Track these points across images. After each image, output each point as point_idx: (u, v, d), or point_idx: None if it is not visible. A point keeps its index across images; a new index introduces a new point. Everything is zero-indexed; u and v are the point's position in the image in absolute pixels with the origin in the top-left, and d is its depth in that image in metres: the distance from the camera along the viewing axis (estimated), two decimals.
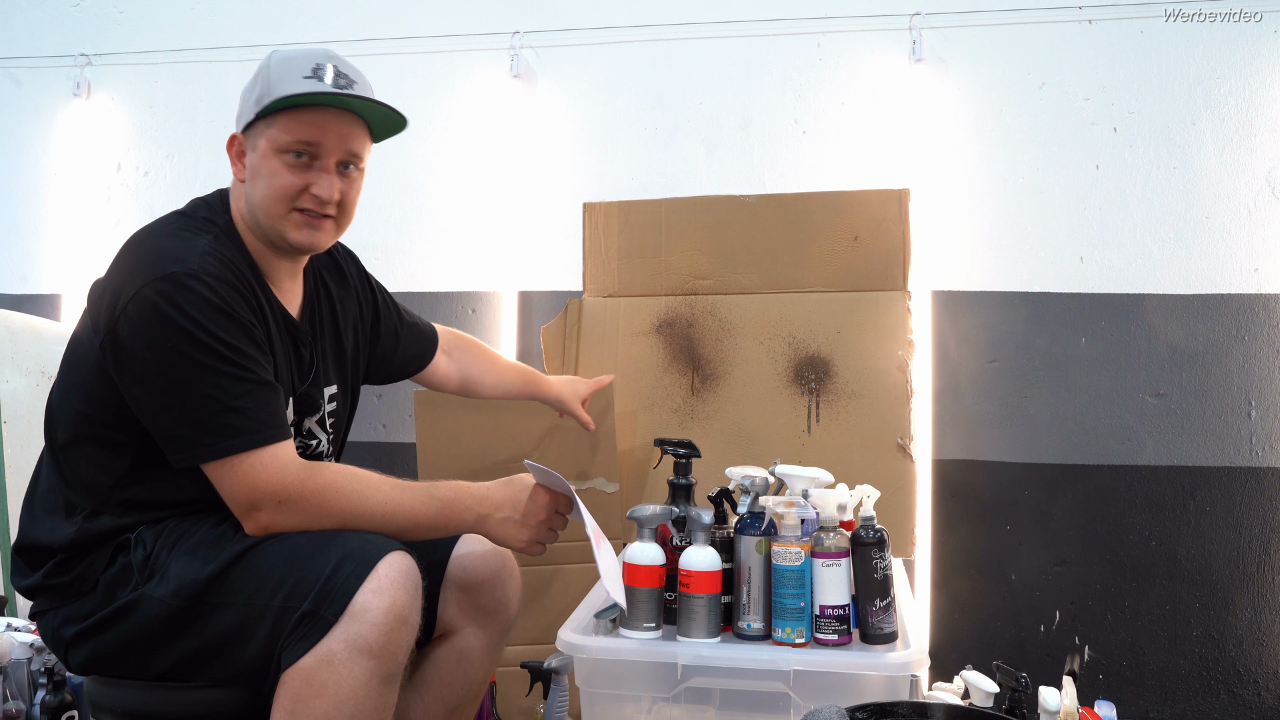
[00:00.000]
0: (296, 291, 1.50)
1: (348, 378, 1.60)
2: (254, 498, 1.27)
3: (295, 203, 1.37)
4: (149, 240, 1.35)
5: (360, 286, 1.65)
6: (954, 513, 2.52)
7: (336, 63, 1.38)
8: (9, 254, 3.09)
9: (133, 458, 1.34)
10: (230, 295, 1.30)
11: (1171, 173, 2.51)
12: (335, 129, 1.37)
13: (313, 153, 1.37)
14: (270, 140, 1.36)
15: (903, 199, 2.38)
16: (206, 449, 1.27)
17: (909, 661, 1.46)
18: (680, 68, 2.74)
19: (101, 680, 1.38)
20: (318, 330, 1.53)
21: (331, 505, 1.29)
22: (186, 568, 1.28)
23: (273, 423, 1.30)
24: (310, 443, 1.51)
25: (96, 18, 3.07)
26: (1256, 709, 2.39)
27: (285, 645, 1.22)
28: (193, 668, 1.31)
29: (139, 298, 1.26)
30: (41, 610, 1.39)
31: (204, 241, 1.33)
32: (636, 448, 2.38)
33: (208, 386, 1.26)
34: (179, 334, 1.25)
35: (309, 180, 1.37)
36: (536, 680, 1.98)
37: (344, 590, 1.20)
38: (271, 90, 1.34)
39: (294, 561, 1.25)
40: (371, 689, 1.20)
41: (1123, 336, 2.49)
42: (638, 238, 2.48)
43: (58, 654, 1.39)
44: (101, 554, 1.34)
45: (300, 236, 1.39)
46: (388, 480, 1.35)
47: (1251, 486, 2.42)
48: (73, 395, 1.37)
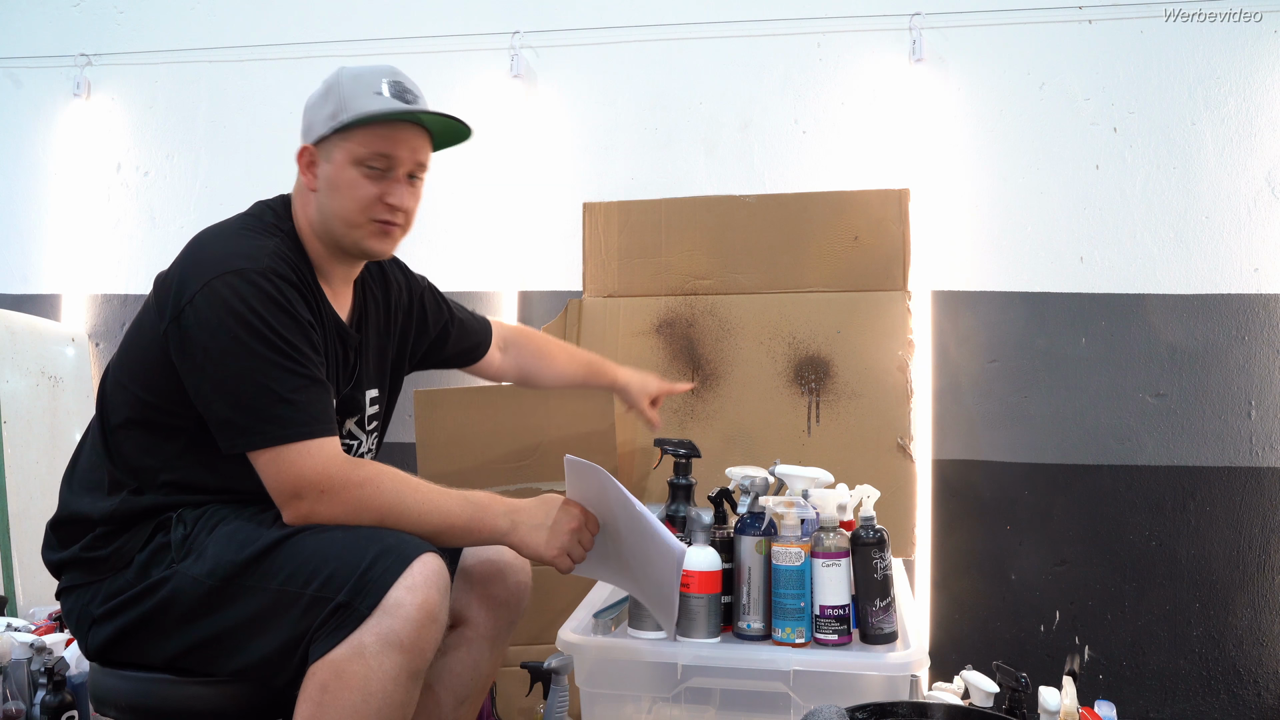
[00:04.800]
0: (348, 297, 1.56)
1: (387, 380, 1.65)
2: (298, 486, 1.31)
3: (372, 213, 1.44)
4: (221, 237, 1.42)
5: (406, 288, 1.71)
6: (954, 513, 2.52)
7: (401, 79, 1.47)
8: (9, 254, 3.09)
9: (182, 444, 1.39)
10: (293, 296, 1.36)
11: (1171, 173, 2.51)
12: (408, 142, 1.45)
13: (387, 165, 1.44)
14: (348, 153, 1.43)
15: (903, 199, 2.38)
16: (259, 436, 1.31)
17: (909, 661, 1.46)
18: (680, 68, 2.74)
19: (107, 671, 1.39)
20: (364, 335, 1.58)
21: (371, 500, 1.33)
22: (224, 549, 1.31)
23: (323, 418, 1.34)
24: (351, 443, 1.56)
25: (96, 18, 3.07)
26: (1256, 709, 2.39)
27: (315, 636, 1.24)
28: (208, 654, 1.33)
29: (208, 289, 1.31)
30: (70, 586, 1.42)
31: (273, 243, 1.40)
32: (636, 448, 2.38)
33: (265, 378, 1.30)
34: (243, 325, 1.30)
35: (384, 190, 1.44)
36: (536, 680, 1.98)
37: (379, 585, 1.23)
38: (347, 106, 1.42)
39: (331, 553, 1.27)
40: (400, 683, 1.22)
41: (1123, 336, 2.49)
42: (638, 238, 2.48)
43: (78, 634, 1.41)
44: (141, 530, 1.38)
45: (375, 244, 1.47)
46: (425, 483, 1.39)
47: (1251, 486, 2.42)
48: (129, 379, 1.41)
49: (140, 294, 2.94)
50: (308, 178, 1.48)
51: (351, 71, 1.46)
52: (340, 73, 1.46)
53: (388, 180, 1.45)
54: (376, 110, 1.41)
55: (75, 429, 2.76)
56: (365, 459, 1.46)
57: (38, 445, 2.67)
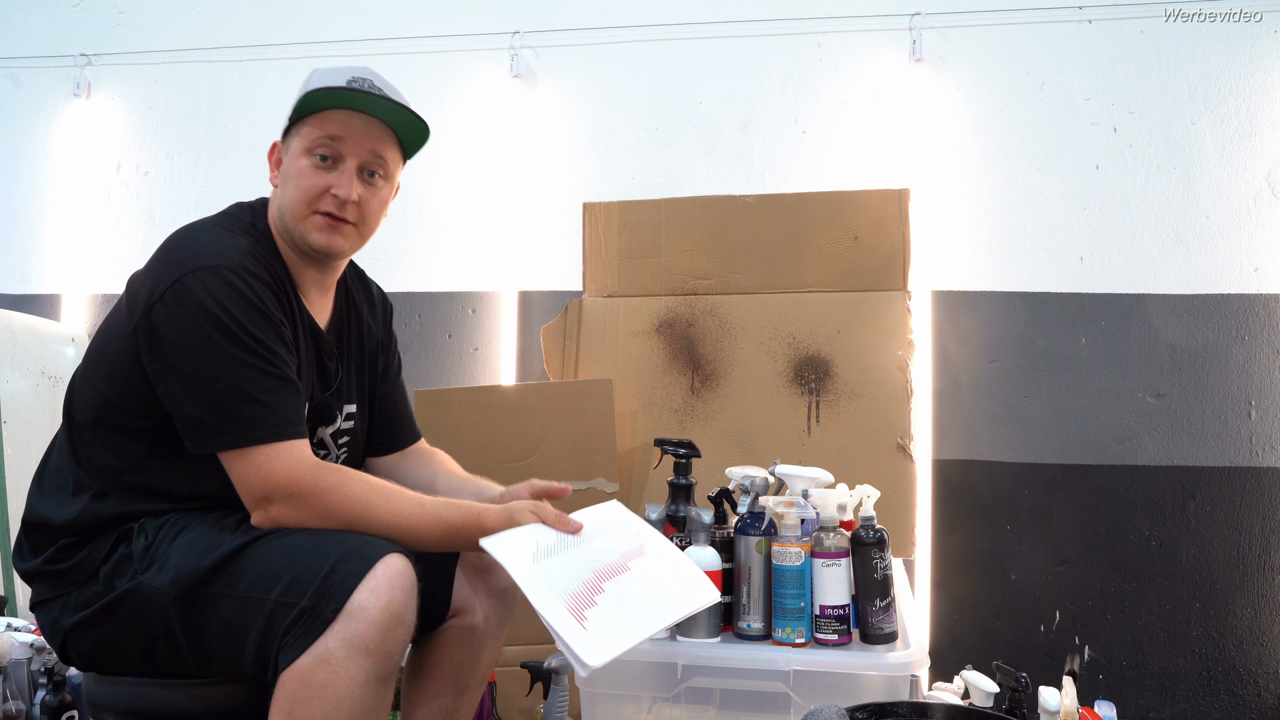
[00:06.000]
0: (326, 305, 1.53)
1: (367, 399, 1.62)
2: (267, 489, 1.29)
3: (317, 204, 1.41)
4: (193, 236, 1.40)
5: (383, 331, 1.67)
6: (954, 513, 2.52)
7: (368, 76, 1.43)
8: (9, 254, 3.09)
9: (146, 445, 1.37)
10: (265, 294, 1.34)
11: (1171, 173, 2.51)
12: (360, 130, 1.41)
13: (335, 153, 1.41)
14: (298, 144, 1.41)
15: (903, 199, 2.38)
16: (229, 437, 1.29)
17: (909, 661, 1.46)
18: (680, 68, 2.74)
19: (101, 678, 1.38)
20: (344, 345, 1.56)
21: (338, 507, 1.31)
22: (186, 557, 1.29)
23: (294, 420, 1.33)
24: (319, 453, 1.53)
25: (96, 18, 3.07)
26: (1256, 709, 2.39)
27: (282, 643, 1.22)
28: (193, 661, 1.32)
29: (178, 286, 1.29)
30: (40, 600, 1.41)
31: (245, 242, 1.38)
32: (636, 448, 2.38)
33: (236, 378, 1.29)
34: (213, 324, 1.29)
35: (332, 181, 1.41)
36: (536, 680, 1.98)
37: (342, 588, 1.21)
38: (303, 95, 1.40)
39: (293, 557, 1.26)
40: (369, 688, 1.21)
41: (1123, 336, 2.49)
42: (638, 238, 2.48)
43: (56, 648, 1.40)
44: (103, 541, 1.36)
45: (319, 238, 1.42)
46: (400, 493, 1.36)
47: (1251, 486, 2.42)
48: (97, 378, 1.40)
49: None
50: (273, 174, 1.47)
51: (323, 69, 1.44)
52: (312, 70, 1.45)
53: (336, 171, 1.41)
54: (319, 87, 1.38)
55: None
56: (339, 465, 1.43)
57: (38, 445, 2.65)
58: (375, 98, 1.40)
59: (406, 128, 1.46)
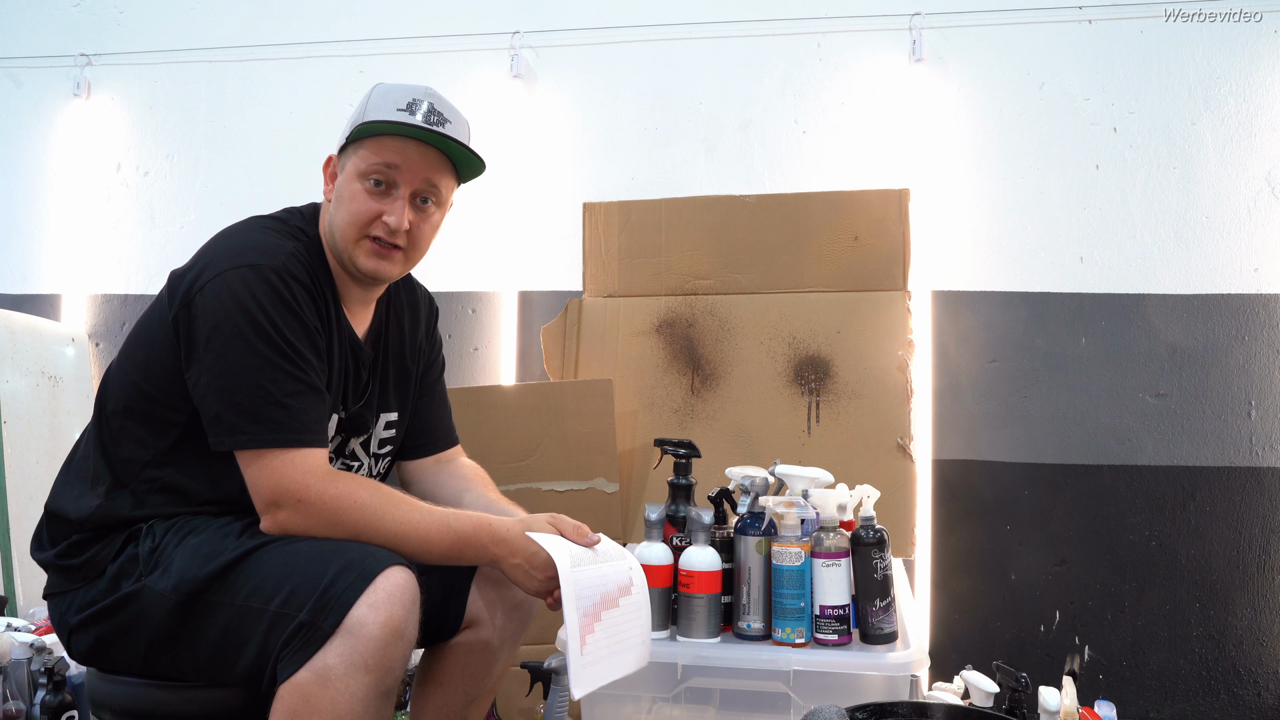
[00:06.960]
0: (366, 317, 1.53)
1: (408, 406, 1.62)
2: (276, 494, 1.29)
3: (368, 230, 1.41)
4: (242, 233, 1.41)
5: (426, 336, 1.67)
6: (954, 513, 2.52)
7: (434, 100, 1.42)
8: (9, 254, 3.09)
9: (173, 439, 1.37)
10: (304, 299, 1.35)
11: (1171, 172, 2.51)
12: (416, 159, 1.41)
13: (390, 180, 1.41)
14: (354, 165, 1.41)
15: (903, 199, 2.38)
16: (247, 437, 1.29)
17: (909, 661, 1.46)
18: (680, 68, 2.74)
19: (102, 676, 1.39)
20: (381, 356, 1.56)
21: (346, 516, 1.31)
22: (189, 564, 1.29)
23: (314, 428, 1.33)
24: (352, 464, 1.54)
25: (96, 18, 3.07)
26: (1256, 709, 2.39)
27: (281, 656, 1.21)
28: (191, 666, 1.32)
29: (220, 279, 1.31)
30: (52, 592, 1.42)
31: (292, 245, 1.39)
32: (636, 448, 2.38)
33: (262, 377, 1.29)
34: (248, 320, 1.29)
35: (383, 208, 1.41)
36: (536, 680, 1.98)
37: (341, 602, 1.20)
38: (365, 117, 1.39)
39: (294, 568, 1.25)
40: (369, 705, 1.20)
41: (1123, 336, 2.49)
42: (638, 238, 2.48)
43: (62, 638, 1.41)
44: (113, 541, 1.37)
45: (368, 264, 1.42)
46: (409, 501, 1.35)
47: (1251, 486, 2.42)
48: (131, 367, 1.40)
49: (140, 294, 2.94)
50: (327, 188, 1.47)
51: (385, 87, 1.43)
52: (375, 87, 1.44)
53: (390, 199, 1.41)
54: (382, 119, 1.38)
55: (75, 429, 2.76)
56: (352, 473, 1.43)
57: (38, 445, 2.67)
58: (430, 133, 1.39)
59: (463, 161, 1.47)
